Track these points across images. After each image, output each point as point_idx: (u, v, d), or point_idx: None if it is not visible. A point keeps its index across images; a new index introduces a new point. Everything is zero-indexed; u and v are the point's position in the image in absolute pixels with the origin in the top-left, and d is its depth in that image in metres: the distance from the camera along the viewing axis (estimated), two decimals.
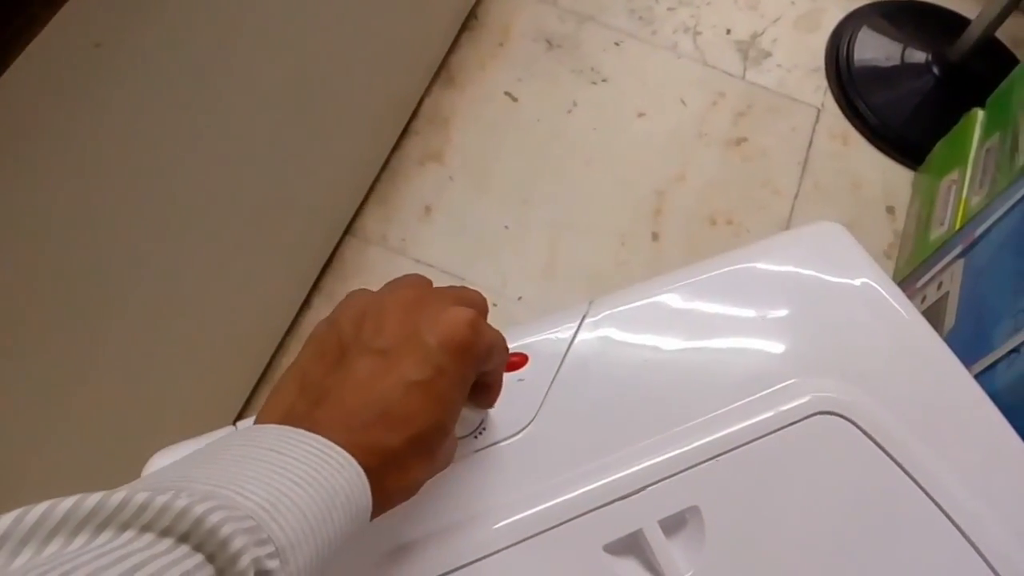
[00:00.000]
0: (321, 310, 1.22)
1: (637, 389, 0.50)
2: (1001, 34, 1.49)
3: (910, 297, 1.19)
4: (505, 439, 0.48)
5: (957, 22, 1.53)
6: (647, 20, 1.53)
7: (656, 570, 0.44)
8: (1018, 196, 1.02)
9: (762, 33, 1.55)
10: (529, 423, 0.48)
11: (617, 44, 1.51)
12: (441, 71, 1.43)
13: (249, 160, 0.90)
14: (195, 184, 0.80)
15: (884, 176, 1.46)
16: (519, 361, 0.50)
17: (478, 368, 0.39)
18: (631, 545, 0.45)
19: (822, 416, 0.50)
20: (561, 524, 0.45)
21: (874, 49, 1.53)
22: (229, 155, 0.85)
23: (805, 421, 0.49)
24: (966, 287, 1.06)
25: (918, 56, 1.52)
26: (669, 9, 1.55)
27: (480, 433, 0.47)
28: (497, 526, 0.45)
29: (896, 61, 1.53)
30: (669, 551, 0.45)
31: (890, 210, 1.42)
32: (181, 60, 0.71)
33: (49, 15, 0.53)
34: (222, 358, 1.01)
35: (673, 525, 0.46)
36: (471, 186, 1.36)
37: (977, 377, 0.94)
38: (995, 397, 0.91)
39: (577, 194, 1.37)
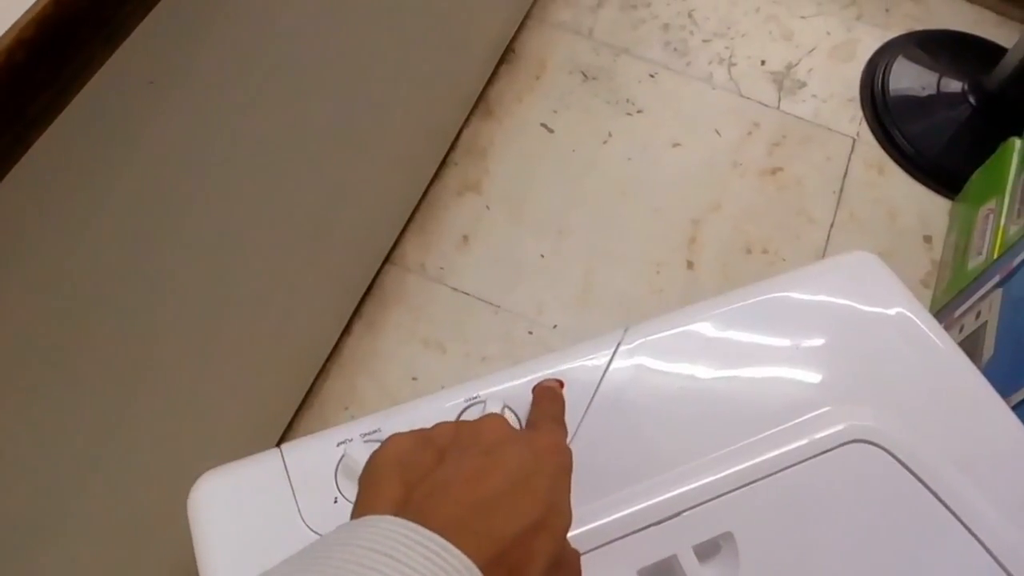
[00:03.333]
0: (362, 337, 1.24)
1: (671, 416, 0.51)
2: None
3: (948, 327, 1.19)
4: None
5: (993, 51, 1.53)
6: (681, 52, 1.55)
7: None
8: None
9: (797, 63, 1.56)
10: (571, 443, 0.50)
11: (652, 76, 1.53)
12: (479, 103, 1.46)
13: (294, 190, 0.93)
14: (243, 214, 0.83)
15: (921, 205, 1.46)
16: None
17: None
18: (665, 570, 0.46)
19: (857, 444, 0.50)
20: (596, 548, 0.46)
21: (910, 79, 1.53)
22: (275, 187, 0.88)
23: (840, 449, 0.50)
24: (1004, 317, 1.05)
25: (954, 86, 1.52)
26: (704, 41, 1.57)
27: None
28: None
29: (932, 91, 1.53)
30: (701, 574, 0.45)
31: (927, 239, 1.42)
32: (227, 96, 0.74)
33: (107, 54, 0.56)
34: (266, 382, 1.04)
35: (707, 551, 0.47)
36: (508, 216, 1.38)
37: (1015, 408, 0.93)
38: None
39: (612, 223, 1.39)
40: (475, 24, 1.35)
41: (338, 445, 0.48)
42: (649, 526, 0.47)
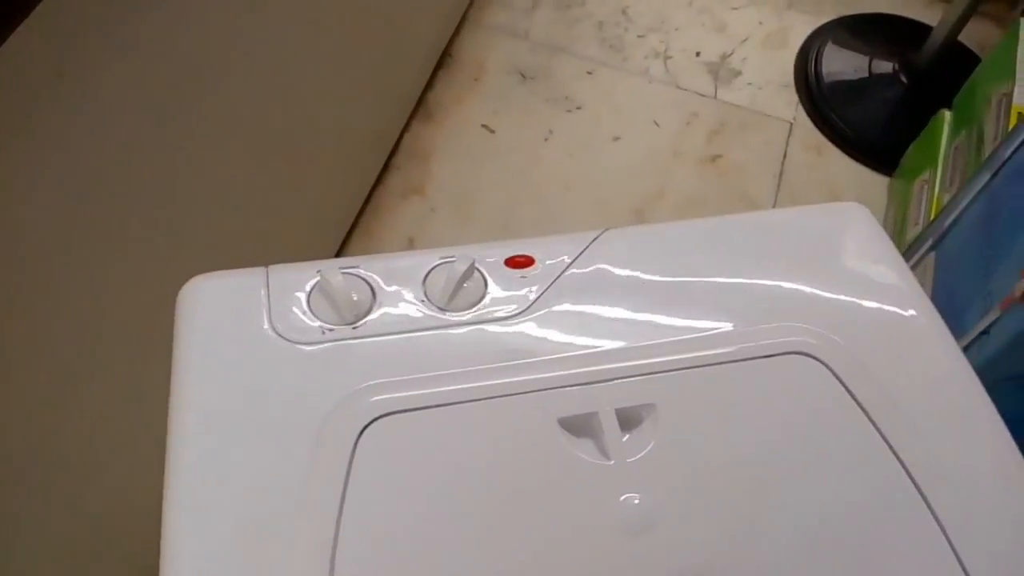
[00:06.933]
0: None
1: (630, 302, 0.53)
2: (964, 38, 1.52)
3: None
4: (496, 320, 0.52)
5: (921, 31, 1.57)
6: (617, 48, 1.57)
7: (603, 451, 0.47)
8: (981, 183, 1.04)
9: (731, 53, 1.59)
10: (521, 312, 0.52)
11: (590, 73, 1.54)
12: (419, 107, 1.47)
13: (229, 196, 0.93)
14: (174, 218, 0.83)
15: (860, 184, 1.48)
16: (525, 262, 0.55)
17: None
18: (585, 425, 0.48)
19: (799, 356, 0.51)
20: (526, 393, 0.48)
21: (841, 62, 1.56)
22: (207, 189, 0.88)
23: (781, 357, 0.51)
24: (939, 278, 1.07)
25: (885, 66, 1.55)
26: (639, 36, 1.59)
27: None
28: (465, 386, 0.48)
29: (864, 72, 1.56)
30: (619, 436, 0.47)
31: None
32: (149, 91, 0.74)
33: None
34: None
35: (629, 418, 0.48)
36: (453, 216, 1.38)
37: None
38: None
39: (558, 218, 1.40)
40: (409, 29, 1.36)
41: (317, 272, 0.52)
42: (579, 384, 0.49)
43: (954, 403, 0.51)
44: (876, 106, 1.53)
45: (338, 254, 1.30)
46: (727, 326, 0.52)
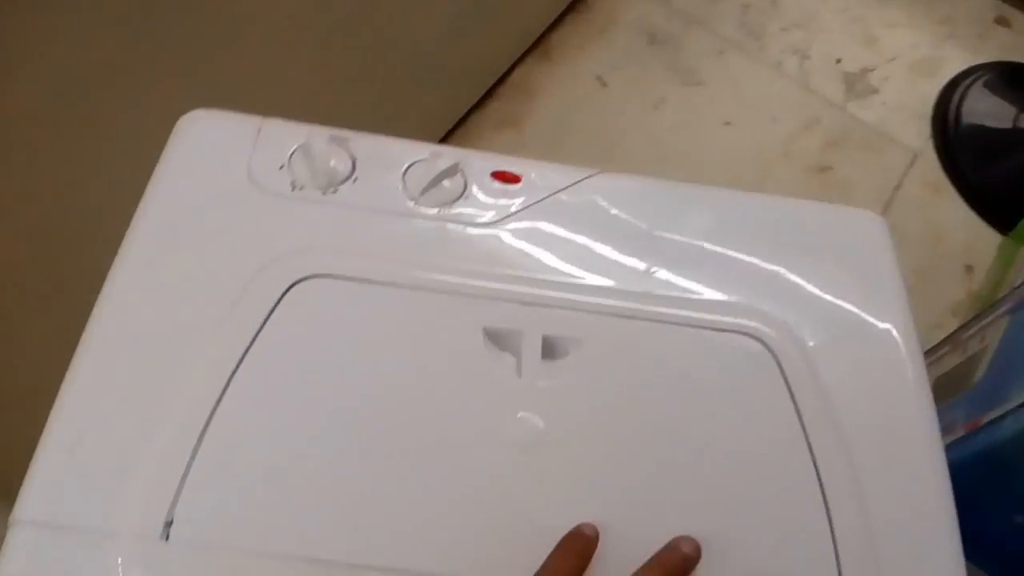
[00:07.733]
0: None
1: (600, 242, 0.52)
2: None
3: (953, 349, 1.14)
4: (462, 223, 0.52)
5: None
6: (756, 35, 1.52)
7: (518, 369, 0.46)
8: None
9: (874, 69, 1.50)
10: (490, 223, 0.52)
11: (720, 52, 1.49)
12: (538, 45, 1.45)
13: (321, 76, 0.94)
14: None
15: (969, 234, 1.39)
16: (511, 178, 0.55)
17: None
18: (509, 340, 0.47)
19: (748, 338, 0.49)
20: (462, 295, 0.48)
21: (987, 107, 1.46)
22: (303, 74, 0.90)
23: (730, 334, 0.50)
24: (1004, 343, 1.00)
25: None
26: (782, 29, 1.53)
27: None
28: (406, 272, 0.49)
29: (1008, 124, 1.45)
30: (537, 359, 0.47)
31: (968, 269, 1.36)
32: None
33: None
34: None
35: (555, 347, 0.48)
36: (542, 156, 1.37)
37: (983, 428, 0.89)
38: (995, 449, 0.87)
39: None
40: None
41: (308, 135, 0.53)
42: (515, 302, 0.48)
43: (897, 426, 0.48)
44: (1010, 160, 1.43)
45: None
46: (690, 290, 0.51)
